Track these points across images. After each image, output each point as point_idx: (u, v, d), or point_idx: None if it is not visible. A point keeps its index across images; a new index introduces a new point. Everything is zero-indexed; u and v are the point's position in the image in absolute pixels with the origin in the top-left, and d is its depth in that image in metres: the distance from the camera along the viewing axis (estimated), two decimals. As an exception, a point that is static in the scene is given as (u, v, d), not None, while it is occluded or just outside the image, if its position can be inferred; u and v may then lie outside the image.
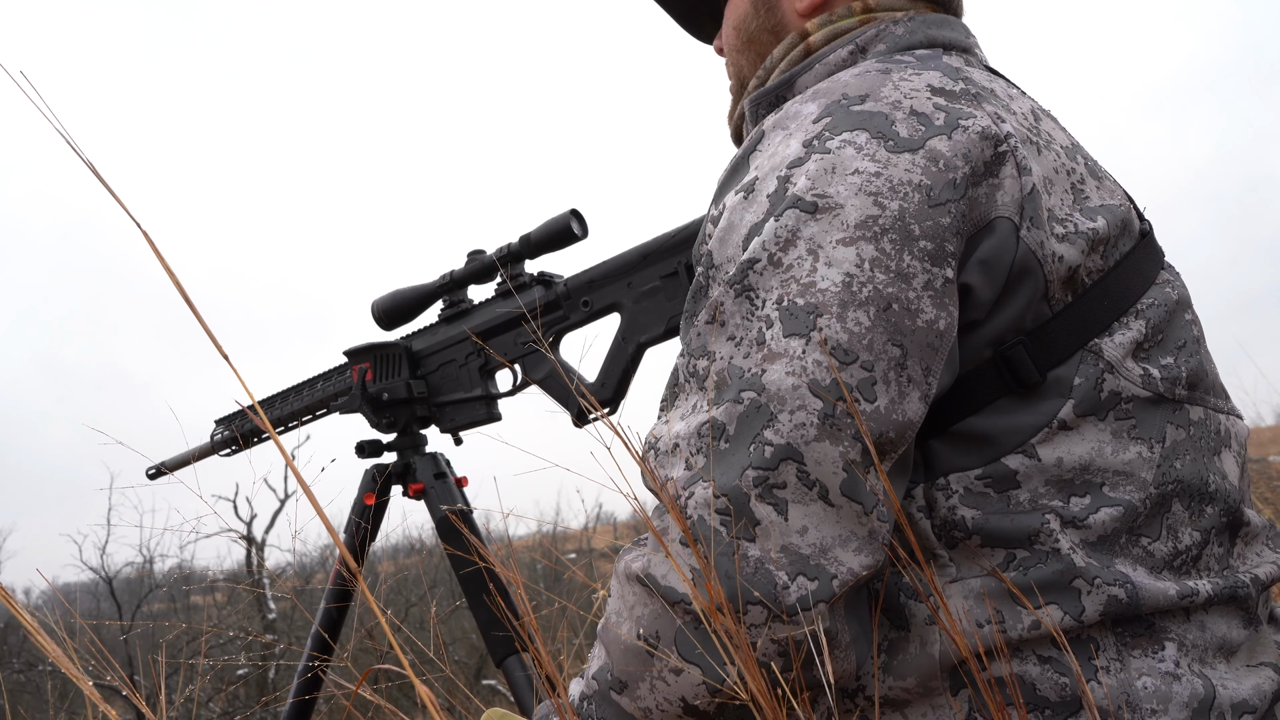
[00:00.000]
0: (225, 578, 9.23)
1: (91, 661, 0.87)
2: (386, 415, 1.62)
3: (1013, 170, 0.70)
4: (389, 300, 1.60)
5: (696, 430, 0.68)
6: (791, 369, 0.65)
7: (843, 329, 0.66)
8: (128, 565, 10.41)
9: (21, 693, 8.96)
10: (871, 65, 0.77)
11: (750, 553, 0.64)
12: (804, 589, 0.63)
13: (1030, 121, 0.76)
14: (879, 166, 0.68)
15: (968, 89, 0.74)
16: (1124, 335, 0.73)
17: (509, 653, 1.48)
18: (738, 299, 0.69)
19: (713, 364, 0.69)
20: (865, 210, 0.67)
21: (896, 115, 0.71)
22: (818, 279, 0.67)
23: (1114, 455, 0.71)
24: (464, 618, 9.75)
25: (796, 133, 0.73)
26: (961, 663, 0.69)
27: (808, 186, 0.69)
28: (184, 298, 0.59)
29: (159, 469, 1.95)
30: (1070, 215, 0.73)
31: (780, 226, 0.69)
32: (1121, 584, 0.68)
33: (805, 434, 0.64)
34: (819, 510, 0.64)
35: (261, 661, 7.17)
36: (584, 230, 1.45)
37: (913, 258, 0.67)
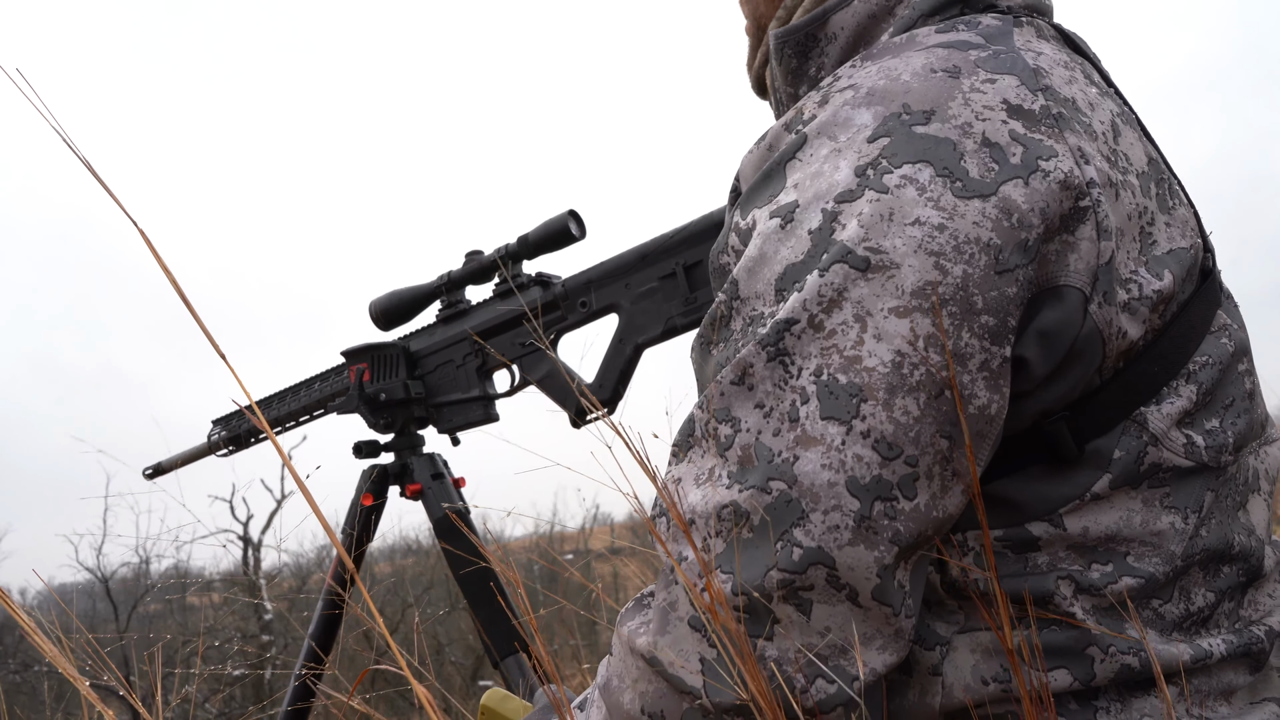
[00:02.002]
0: (221, 579, 9.22)
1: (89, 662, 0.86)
2: (384, 416, 1.62)
3: (1092, 232, 0.61)
4: (387, 301, 1.60)
5: (716, 512, 0.61)
6: (828, 461, 0.59)
7: (889, 418, 0.58)
8: (124, 566, 10.40)
9: (17, 693, 8.95)
10: (935, 54, 0.65)
11: (768, 653, 0.59)
12: (823, 692, 0.59)
13: (1110, 143, 0.65)
14: (944, 217, 0.59)
15: (1049, 106, 0.63)
16: (1172, 405, 0.66)
17: (507, 653, 1.47)
18: (770, 363, 0.61)
19: (738, 434, 0.62)
20: (925, 274, 0.58)
21: (966, 145, 0.61)
22: (864, 354, 0.59)
23: (1142, 526, 0.65)
24: (461, 618, 9.74)
25: (847, 151, 0.63)
26: (959, 712, 0.66)
27: (860, 236, 0.60)
28: (181, 296, 0.59)
29: (156, 469, 1.95)
30: (1135, 274, 0.64)
31: (825, 284, 0.60)
32: (1135, 653, 0.64)
33: (839, 538, 0.58)
34: (844, 611, 0.59)
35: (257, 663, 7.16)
36: (582, 231, 1.45)
37: (972, 335, 0.59)
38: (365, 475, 1.67)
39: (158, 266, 0.58)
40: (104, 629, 8.88)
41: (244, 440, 1.84)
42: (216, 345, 0.59)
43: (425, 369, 1.62)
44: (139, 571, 10.40)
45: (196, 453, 1.89)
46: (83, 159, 0.58)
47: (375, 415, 1.62)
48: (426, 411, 1.63)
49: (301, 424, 1.79)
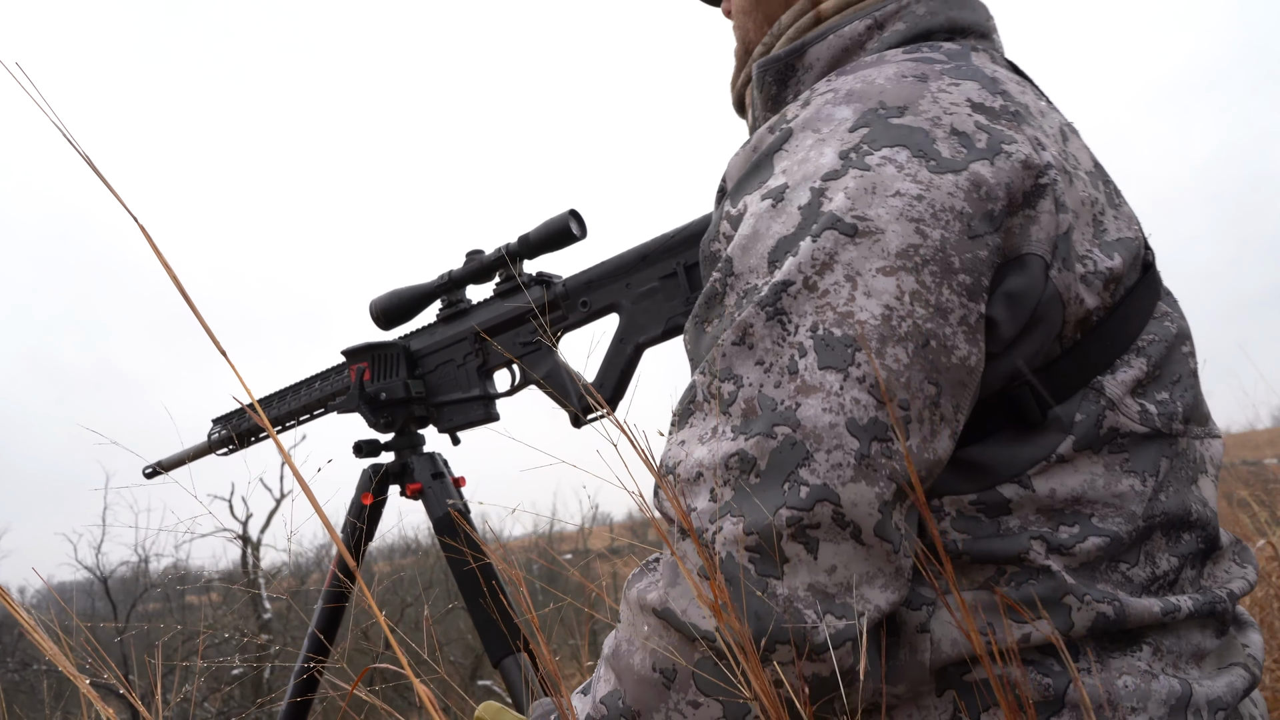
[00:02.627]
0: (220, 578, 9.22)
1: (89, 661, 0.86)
2: (384, 415, 1.62)
3: (1050, 205, 0.68)
4: (387, 300, 1.60)
5: (724, 461, 0.66)
6: (829, 405, 0.64)
7: (881, 365, 0.64)
8: (123, 565, 10.40)
9: (16, 692, 8.94)
10: (904, 65, 0.74)
11: (778, 591, 0.63)
12: (833, 627, 0.63)
13: (1060, 144, 0.74)
14: (921, 189, 0.66)
15: (1007, 106, 0.71)
16: (1125, 373, 0.72)
17: (506, 653, 1.47)
18: (769, 322, 0.67)
19: (740, 389, 0.67)
20: (907, 238, 0.65)
21: (937, 133, 0.68)
22: (856, 309, 0.65)
23: (1105, 488, 0.71)
24: (460, 618, 9.73)
25: (830, 139, 0.70)
26: (949, 666, 0.69)
27: (847, 206, 0.66)
28: (180, 292, 0.59)
29: (156, 468, 1.95)
30: (1089, 252, 0.71)
31: (818, 248, 0.66)
32: (1109, 601, 0.69)
33: (842, 475, 0.63)
34: (850, 549, 0.63)
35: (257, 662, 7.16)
36: (583, 231, 1.45)
37: (951, 292, 0.65)
38: (365, 474, 1.67)
39: (157, 265, 0.58)
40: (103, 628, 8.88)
41: (244, 439, 1.84)
42: (217, 342, 0.59)
43: (426, 368, 1.62)
44: (138, 570, 10.40)
45: (196, 452, 1.89)
46: (82, 153, 0.58)
47: (376, 414, 1.62)
48: (427, 411, 1.62)
49: (302, 423, 1.79)
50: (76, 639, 0.83)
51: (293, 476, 3.46)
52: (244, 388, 0.59)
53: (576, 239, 1.44)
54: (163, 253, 0.57)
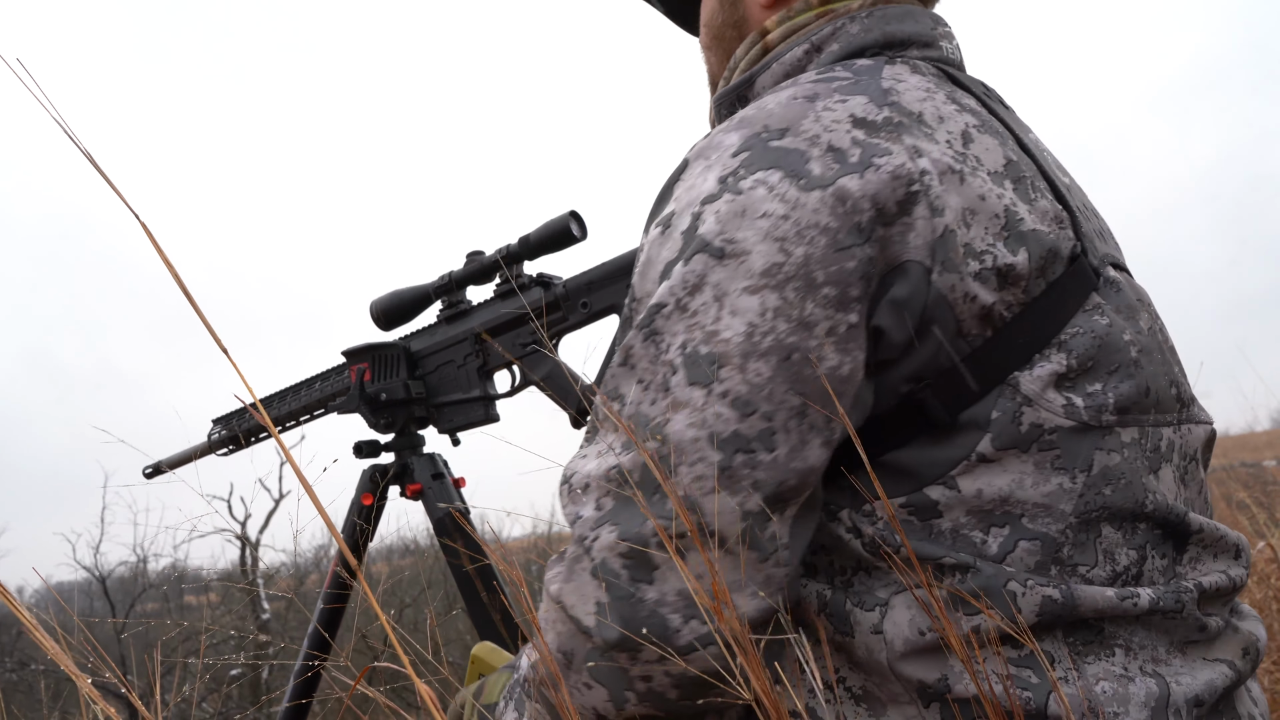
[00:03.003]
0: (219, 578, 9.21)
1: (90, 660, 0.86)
2: (384, 415, 1.62)
3: (925, 211, 0.70)
4: (388, 300, 1.60)
5: (605, 474, 0.70)
6: (692, 420, 0.67)
7: (743, 380, 0.67)
8: (121, 565, 10.39)
9: (14, 692, 8.94)
10: (802, 87, 0.76)
11: (647, 596, 0.67)
12: (695, 632, 0.66)
13: (958, 146, 0.74)
14: (787, 208, 0.69)
15: (891, 117, 0.73)
16: (1043, 368, 0.72)
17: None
18: (645, 343, 0.71)
19: (624, 407, 0.71)
20: (770, 257, 0.68)
21: (813, 152, 0.71)
22: (721, 328, 0.68)
23: (1034, 488, 0.71)
24: (458, 619, 9.72)
25: (715, 165, 0.73)
26: (930, 684, 0.70)
27: (716, 230, 0.70)
28: (184, 292, 0.59)
29: (156, 468, 1.95)
30: (991, 247, 0.72)
31: (688, 271, 0.70)
32: (1055, 585, 0.69)
33: (704, 486, 0.66)
34: (717, 557, 0.67)
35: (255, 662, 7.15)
36: (583, 232, 1.45)
37: (815, 305, 0.68)
38: (366, 475, 1.67)
39: (158, 264, 0.58)
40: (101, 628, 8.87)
41: (244, 439, 1.84)
42: (219, 340, 0.59)
43: (426, 369, 1.62)
44: (136, 570, 10.40)
45: (197, 452, 1.89)
46: (85, 152, 0.58)
47: (376, 415, 1.62)
48: (427, 411, 1.62)
49: (302, 423, 1.79)
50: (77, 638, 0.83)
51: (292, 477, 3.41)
52: (246, 387, 0.59)
53: (577, 240, 1.45)
54: (165, 252, 0.57)
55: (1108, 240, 0.85)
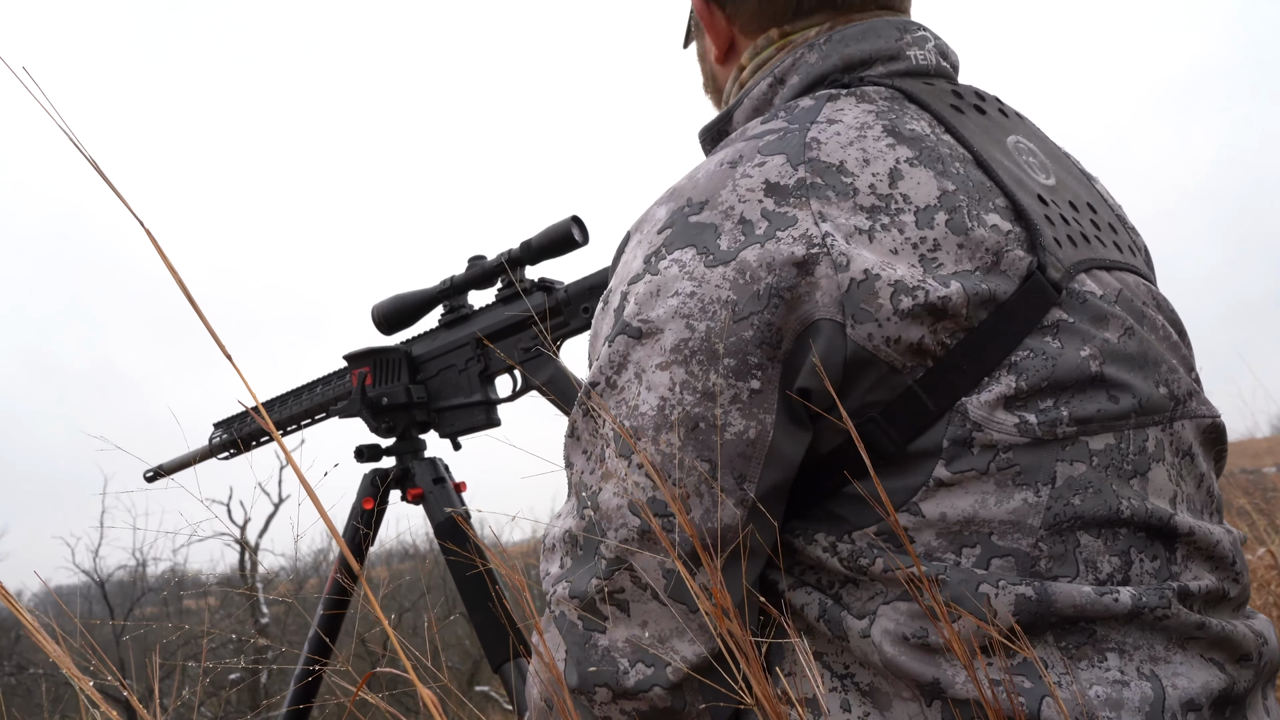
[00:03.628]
0: (218, 582, 9.20)
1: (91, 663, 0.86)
2: (386, 420, 1.62)
3: (828, 269, 0.72)
4: (389, 305, 1.60)
5: (562, 537, 0.78)
6: (617, 489, 0.74)
7: (657, 450, 0.74)
8: (120, 569, 10.38)
9: (13, 695, 8.93)
10: (732, 149, 0.80)
11: (600, 643, 0.75)
12: (642, 674, 0.73)
13: (883, 188, 0.76)
14: (695, 285, 0.74)
15: (805, 178, 0.75)
16: (990, 392, 0.73)
17: (506, 658, 1.47)
18: (585, 419, 0.79)
19: (573, 476, 0.79)
20: (679, 334, 0.74)
21: (725, 226, 0.75)
22: (640, 403, 0.75)
23: (998, 506, 0.72)
24: (458, 624, 9.71)
25: (644, 242, 0.79)
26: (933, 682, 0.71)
27: (635, 311, 0.76)
28: (186, 295, 0.59)
29: (157, 472, 1.95)
30: (921, 283, 0.73)
31: (613, 351, 0.77)
32: (1029, 583, 0.70)
33: (629, 548, 0.73)
34: (655, 608, 0.74)
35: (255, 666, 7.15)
36: (585, 237, 1.45)
37: (719, 375, 0.73)
38: (367, 479, 1.67)
39: (157, 265, 0.58)
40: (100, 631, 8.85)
41: (246, 443, 1.84)
42: (221, 344, 0.59)
43: (427, 373, 1.62)
44: (135, 574, 10.39)
45: (197, 455, 1.89)
46: (89, 158, 0.58)
47: (377, 419, 1.62)
48: (428, 416, 1.62)
49: (303, 427, 1.79)
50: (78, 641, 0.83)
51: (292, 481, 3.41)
52: (249, 390, 0.60)
53: (579, 245, 1.45)
54: (168, 256, 0.57)
55: (1097, 241, 0.84)
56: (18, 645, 9.75)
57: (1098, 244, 0.84)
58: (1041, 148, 0.90)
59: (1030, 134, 0.91)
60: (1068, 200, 0.85)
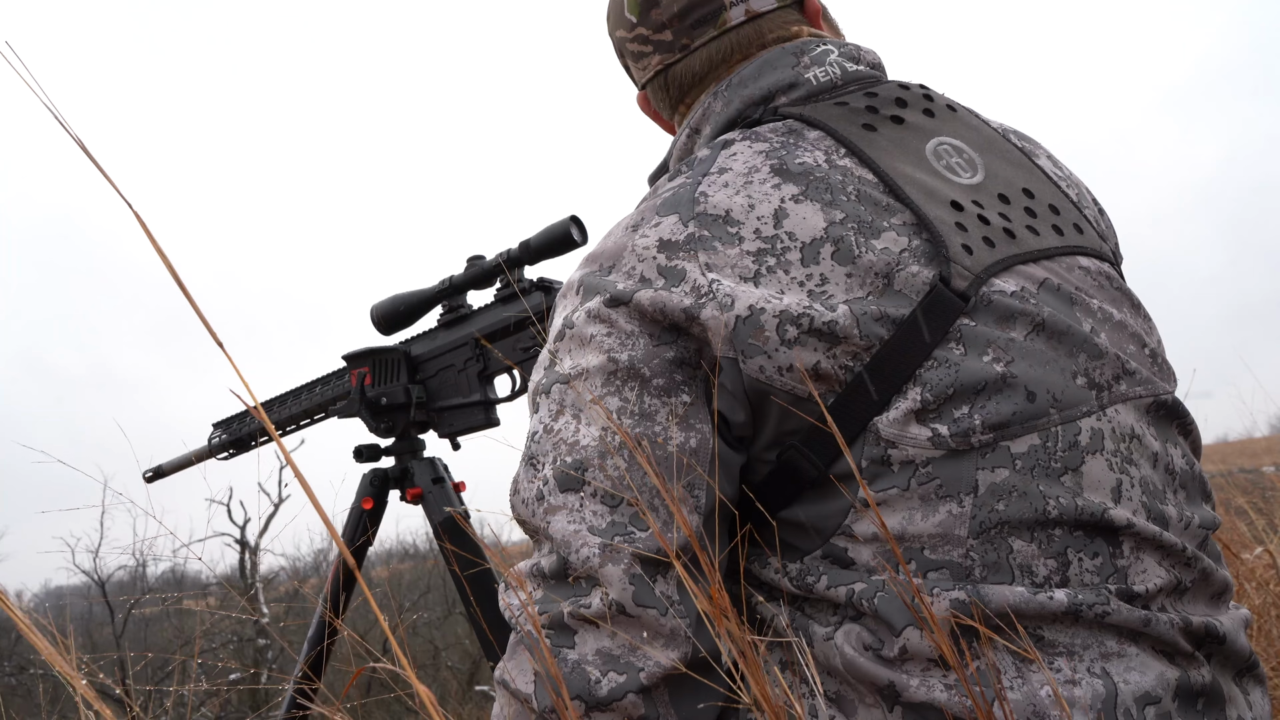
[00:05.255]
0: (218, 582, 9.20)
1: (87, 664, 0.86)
2: (385, 420, 1.62)
3: (714, 311, 0.77)
4: (388, 305, 1.60)
5: (530, 570, 0.81)
6: (571, 519, 0.77)
7: (605, 478, 0.77)
8: (120, 569, 10.37)
9: (13, 695, 8.93)
10: (635, 213, 0.87)
11: (570, 657, 0.76)
12: (614, 682, 0.74)
13: (768, 230, 0.80)
14: (607, 327, 0.80)
15: (694, 233, 0.81)
16: (898, 409, 0.75)
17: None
18: (526, 468, 0.82)
19: (528, 528, 0.83)
20: (605, 367, 0.79)
21: (620, 279, 0.82)
22: (580, 438, 0.79)
23: (924, 520, 0.74)
24: (458, 623, 9.71)
25: (565, 305, 0.86)
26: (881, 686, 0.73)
27: (570, 364, 0.82)
28: (176, 281, 0.59)
29: (157, 472, 1.94)
30: (807, 309, 0.77)
31: (551, 402, 0.82)
32: (961, 587, 0.72)
33: (592, 564, 0.75)
34: (622, 620, 0.75)
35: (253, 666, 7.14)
36: (584, 237, 1.45)
37: (652, 396, 0.78)
38: (366, 479, 1.67)
39: (152, 266, 0.58)
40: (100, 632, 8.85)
41: (245, 443, 1.84)
42: (213, 331, 0.59)
43: (426, 373, 1.62)
44: (135, 575, 10.38)
45: (197, 456, 1.89)
46: (75, 136, 0.58)
47: (376, 419, 1.62)
48: (427, 416, 1.62)
49: (303, 427, 1.79)
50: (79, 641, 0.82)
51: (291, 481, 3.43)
52: (246, 387, 0.59)
53: (577, 245, 1.45)
54: (158, 240, 0.57)
55: (1024, 232, 0.84)
56: (18, 645, 9.75)
57: (1028, 235, 0.84)
58: (973, 141, 0.90)
59: (961, 128, 0.91)
60: (997, 193, 0.86)
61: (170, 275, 0.55)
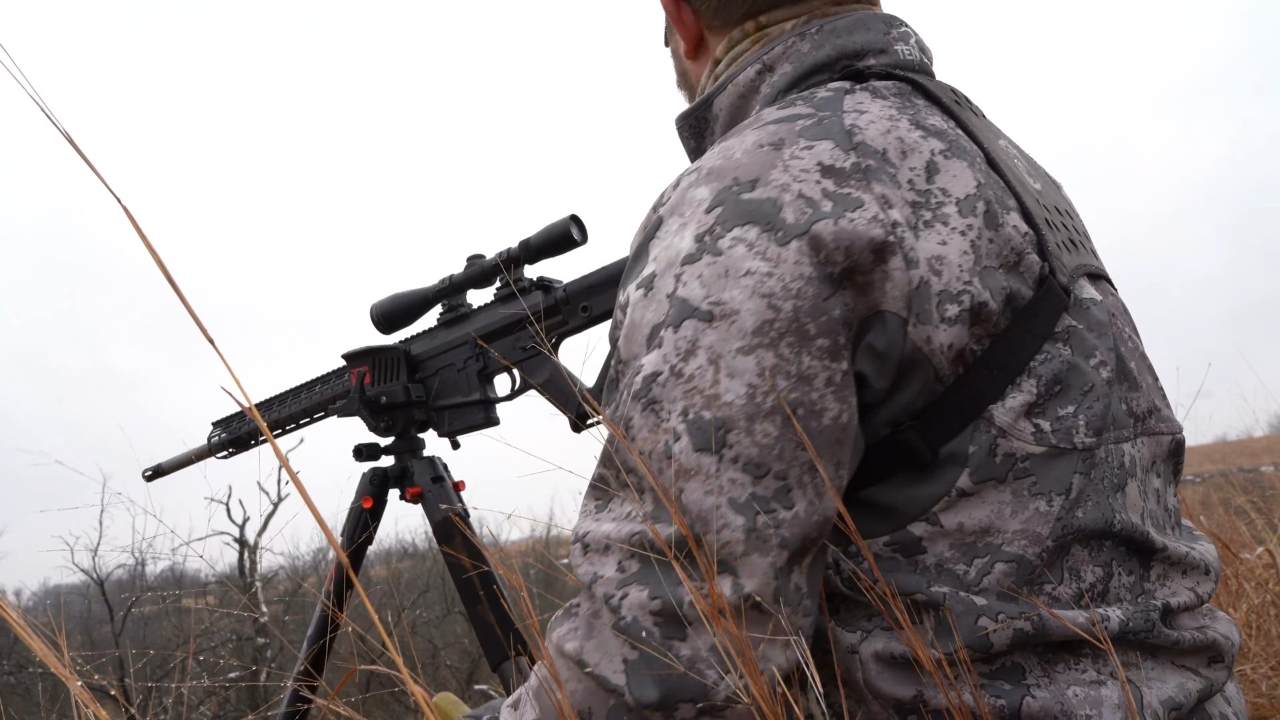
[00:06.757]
0: (217, 580, 9.20)
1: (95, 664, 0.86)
2: (384, 419, 1.62)
3: (900, 264, 0.69)
4: (388, 304, 1.60)
5: (628, 539, 0.69)
6: (708, 488, 0.67)
7: (752, 443, 0.67)
8: (120, 568, 10.36)
9: (12, 694, 8.93)
10: (766, 130, 0.75)
11: (682, 653, 0.66)
12: (733, 686, 0.66)
13: (921, 183, 0.73)
14: (770, 265, 0.68)
15: (859, 162, 0.72)
16: (1015, 399, 0.72)
17: (505, 657, 1.47)
18: (644, 413, 0.70)
19: (633, 477, 0.71)
20: (761, 315, 0.68)
21: (785, 199, 0.70)
22: (721, 391, 0.68)
23: (1013, 516, 0.71)
24: (457, 622, 9.71)
25: (690, 222, 0.73)
26: (905, 700, 0.71)
27: (703, 294, 0.69)
28: (169, 280, 0.58)
29: (156, 470, 1.94)
30: (968, 286, 0.71)
31: (679, 338, 0.69)
32: (1027, 618, 0.70)
33: (734, 550, 0.66)
34: (754, 615, 0.66)
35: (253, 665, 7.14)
36: (583, 236, 1.45)
37: (811, 358, 0.68)
38: (365, 478, 1.67)
39: (148, 261, 0.58)
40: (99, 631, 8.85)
41: (244, 442, 1.84)
42: (201, 325, 0.58)
43: (426, 372, 1.62)
44: (134, 573, 10.37)
45: (196, 455, 1.89)
46: (61, 128, 0.57)
47: (376, 418, 1.61)
48: (427, 415, 1.62)
49: (302, 426, 1.79)
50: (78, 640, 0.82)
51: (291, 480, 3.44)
52: (239, 386, 0.59)
53: (577, 244, 1.44)
54: (148, 236, 0.57)
55: (1080, 248, 0.83)
56: (17, 644, 9.75)
57: (1083, 250, 0.83)
58: (1019, 153, 0.89)
59: (1008, 139, 0.90)
60: (1053, 206, 0.84)
61: (160, 271, 0.55)
